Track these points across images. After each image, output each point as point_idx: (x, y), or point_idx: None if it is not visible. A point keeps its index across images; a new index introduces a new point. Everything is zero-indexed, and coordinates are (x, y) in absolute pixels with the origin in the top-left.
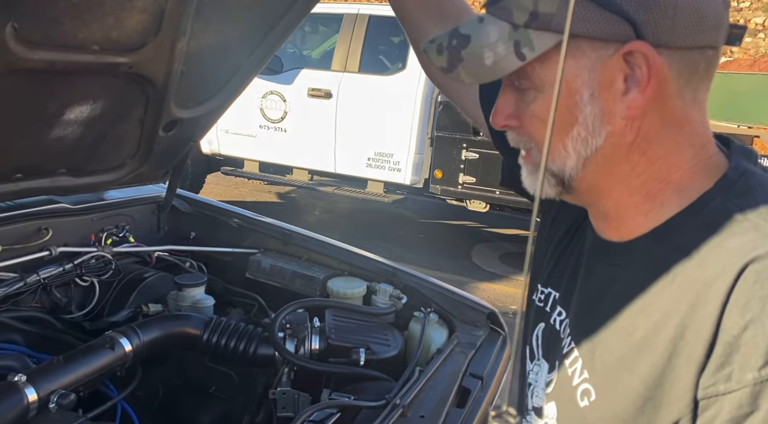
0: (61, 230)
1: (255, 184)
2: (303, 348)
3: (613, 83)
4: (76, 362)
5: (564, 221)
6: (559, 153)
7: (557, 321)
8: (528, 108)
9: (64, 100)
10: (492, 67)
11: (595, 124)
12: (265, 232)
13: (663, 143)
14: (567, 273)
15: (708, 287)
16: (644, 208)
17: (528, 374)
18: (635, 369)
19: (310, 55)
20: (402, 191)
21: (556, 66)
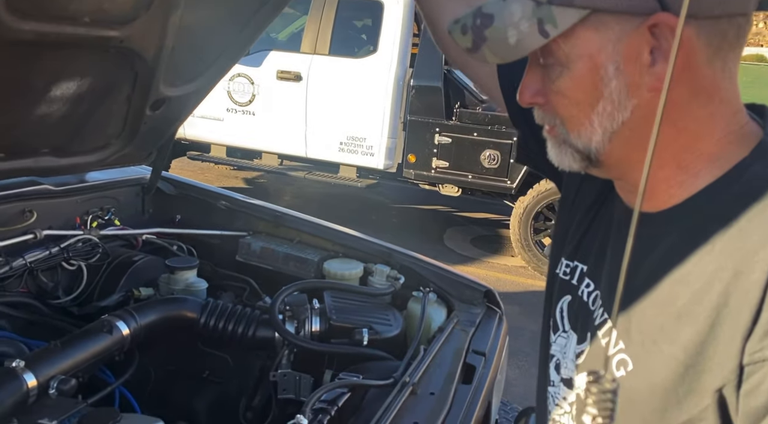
0: (45, 212)
1: (221, 170)
2: (303, 330)
3: (639, 56)
4: (73, 346)
5: (589, 194)
6: (585, 129)
7: (585, 293)
8: (553, 85)
9: (52, 75)
10: (516, 45)
11: (621, 98)
12: (255, 214)
13: (692, 114)
14: (595, 246)
15: (753, 255)
16: (677, 180)
17: (551, 346)
18: (676, 338)
19: (277, 37)
20: (375, 176)
21: (581, 42)
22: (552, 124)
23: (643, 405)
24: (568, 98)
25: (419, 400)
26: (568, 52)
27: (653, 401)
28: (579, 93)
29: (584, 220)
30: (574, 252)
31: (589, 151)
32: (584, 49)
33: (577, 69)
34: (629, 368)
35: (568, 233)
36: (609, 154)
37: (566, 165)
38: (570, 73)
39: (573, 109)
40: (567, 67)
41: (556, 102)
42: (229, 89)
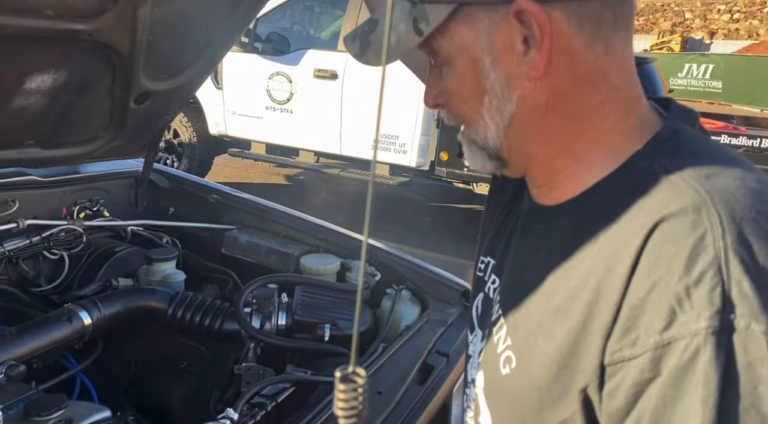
0: (30, 202)
1: (264, 167)
2: (269, 324)
3: (512, 45)
4: (30, 333)
5: (508, 189)
6: (479, 124)
7: (491, 289)
8: (443, 83)
9: (22, 68)
10: (396, 46)
11: (503, 90)
12: (243, 208)
13: (580, 101)
14: (504, 240)
15: (622, 249)
16: (571, 170)
17: (468, 346)
18: (552, 335)
19: (319, 36)
20: (407, 174)
21: (456, 37)
22: (456, 122)
23: (522, 405)
24: (456, 95)
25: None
26: (447, 49)
27: (531, 400)
28: (464, 89)
29: (501, 215)
30: (487, 247)
31: (489, 148)
32: (460, 44)
33: (458, 65)
34: (513, 366)
35: (488, 229)
36: (508, 149)
37: (479, 166)
38: (453, 70)
39: (463, 106)
40: (449, 65)
41: (449, 100)
42: (268, 88)
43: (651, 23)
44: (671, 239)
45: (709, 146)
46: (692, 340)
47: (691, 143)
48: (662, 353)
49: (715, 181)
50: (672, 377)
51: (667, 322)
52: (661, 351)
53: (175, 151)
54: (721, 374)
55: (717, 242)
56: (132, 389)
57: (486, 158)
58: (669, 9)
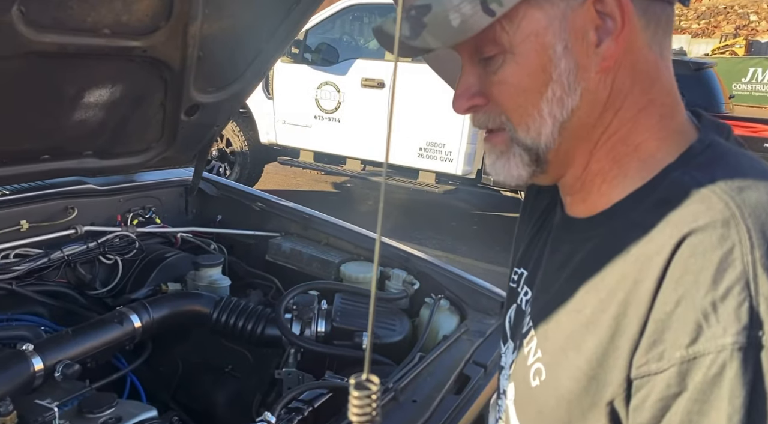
0: (88, 209)
1: (312, 174)
2: (309, 330)
3: (585, 34)
4: (84, 334)
5: (542, 200)
6: (533, 121)
7: (523, 301)
8: (496, 76)
9: (82, 83)
10: (460, 27)
11: (570, 81)
12: (287, 216)
13: (635, 100)
14: (536, 252)
15: (650, 262)
16: (610, 175)
17: (501, 358)
18: (581, 347)
19: (367, 46)
20: (454, 182)
21: (526, 21)
22: (497, 123)
23: (551, 417)
24: (514, 86)
25: (399, 406)
26: (513, 34)
27: (560, 412)
28: (526, 78)
29: (534, 226)
30: (521, 258)
31: (538, 148)
32: (530, 28)
33: (523, 52)
34: (542, 378)
35: (521, 240)
36: (557, 150)
37: (513, 175)
38: (515, 57)
39: (520, 98)
40: (511, 52)
41: (500, 95)
42: (317, 97)
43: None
44: (698, 253)
45: (743, 159)
46: (718, 355)
47: (725, 156)
48: (688, 367)
49: (747, 195)
50: (698, 392)
51: (693, 336)
52: (687, 366)
53: (227, 159)
54: (748, 390)
55: (745, 257)
56: (179, 390)
57: (526, 163)
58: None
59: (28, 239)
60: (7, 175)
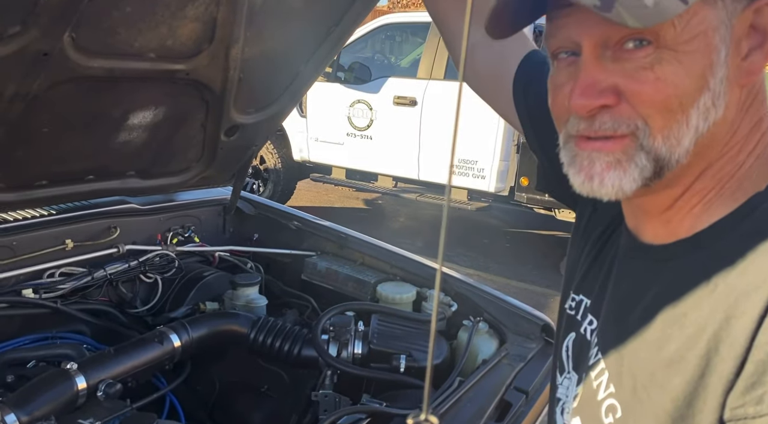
0: (130, 228)
1: (343, 191)
2: (346, 352)
3: (739, 43)
4: (126, 354)
5: (599, 222)
6: (678, 128)
7: (588, 330)
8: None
9: (127, 105)
10: (654, 9)
11: (720, 92)
12: (322, 235)
13: (751, 118)
14: (600, 278)
15: (746, 297)
16: (708, 196)
17: (557, 389)
18: (666, 386)
19: (399, 64)
20: (486, 199)
21: (697, 20)
22: (630, 128)
23: None
24: (672, 87)
25: None
26: (681, 30)
27: None
28: (687, 81)
29: (592, 251)
30: (580, 285)
31: (670, 159)
32: (701, 27)
33: (689, 51)
34: (617, 415)
35: (578, 264)
36: (683, 165)
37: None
38: (677, 55)
39: (673, 101)
40: (673, 49)
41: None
42: (349, 115)
43: None
44: None
45: None
46: None
47: None
48: None
49: None
50: None
51: None
52: None
53: (261, 176)
54: None
55: None
56: (216, 409)
57: (646, 175)
58: None
59: (73, 257)
60: (53, 195)
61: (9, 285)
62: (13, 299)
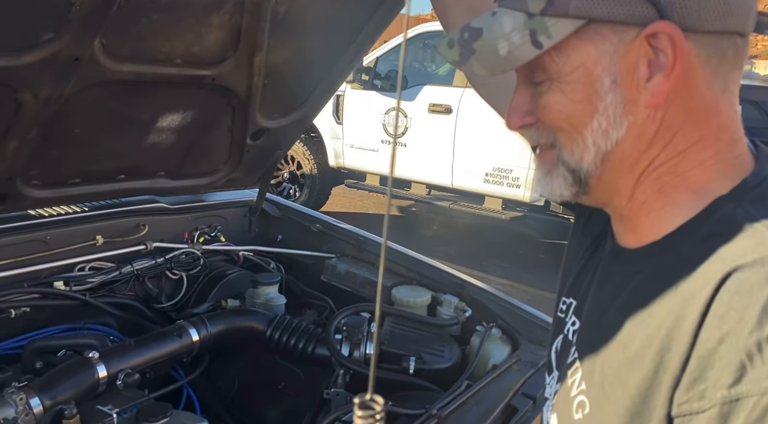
0: (158, 226)
1: (378, 197)
2: (357, 352)
3: (636, 69)
4: (145, 345)
5: (594, 227)
6: (577, 146)
7: (570, 331)
8: (542, 99)
9: (156, 108)
10: (507, 57)
11: (617, 114)
12: (343, 237)
13: (686, 136)
14: (586, 282)
15: (694, 297)
16: (656, 206)
17: (545, 388)
18: (627, 383)
19: (437, 72)
20: (521, 208)
21: (575, 54)
22: (549, 141)
23: None
24: (557, 112)
25: None
26: (561, 64)
27: None
28: (569, 107)
29: (585, 255)
30: (570, 288)
31: (581, 172)
32: (578, 61)
33: (570, 81)
34: (586, 412)
35: (572, 269)
36: (599, 177)
37: (556, 193)
38: (561, 86)
39: (564, 124)
40: (558, 81)
41: (546, 118)
42: (384, 122)
43: None
44: (744, 290)
45: None
46: (762, 398)
47: None
48: (730, 409)
49: None
50: None
51: (736, 377)
52: (728, 407)
53: (297, 181)
54: None
55: None
56: (234, 404)
57: (570, 184)
58: None
59: (103, 253)
60: (85, 193)
61: (42, 277)
62: (45, 290)
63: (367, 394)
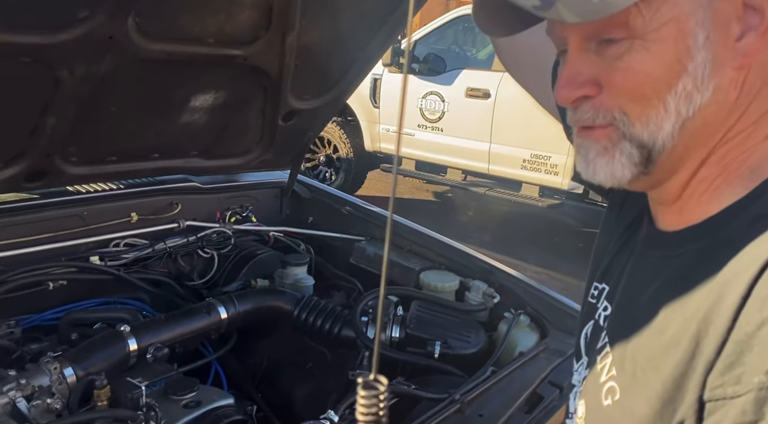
0: (191, 206)
1: (413, 183)
2: (384, 335)
3: (728, 25)
4: (175, 321)
5: (629, 212)
6: (655, 114)
7: (602, 316)
8: (621, 62)
9: (189, 88)
10: (601, 3)
11: (705, 76)
12: (373, 220)
13: (759, 106)
14: (620, 267)
15: (735, 279)
16: (715, 183)
17: (573, 375)
18: (661, 369)
19: (476, 56)
20: (559, 196)
21: (666, 8)
22: (607, 118)
23: None
24: (642, 75)
25: (465, 419)
26: (649, 18)
27: None
28: (657, 68)
29: (620, 240)
30: (602, 274)
31: (654, 145)
32: (670, 14)
33: (658, 38)
34: (616, 398)
35: (605, 253)
36: (671, 151)
37: (617, 175)
38: (647, 44)
39: (646, 89)
40: (643, 38)
41: (623, 82)
42: (421, 106)
43: None
44: None
45: None
46: None
47: None
48: (767, 395)
49: None
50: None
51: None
52: (766, 393)
53: (333, 165)
54: None
55: None
56: (263, 382)
57: (635, 162)
58: None
59: (137, 230)
60: (121, 171)
61: (79, 252)
62: (81, 265)
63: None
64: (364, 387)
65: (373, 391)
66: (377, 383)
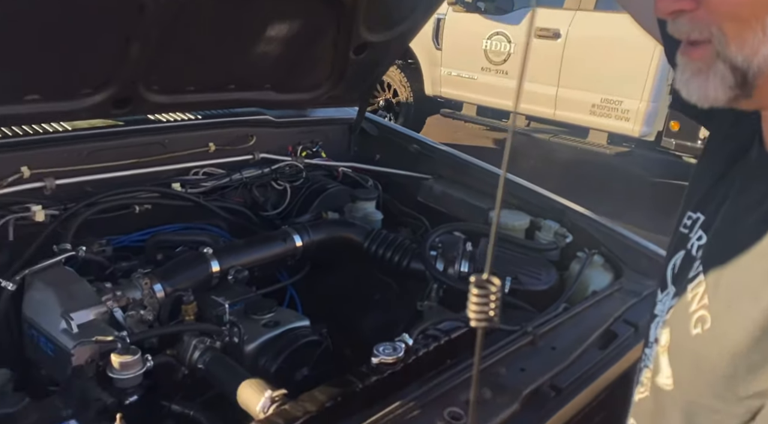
0: (264, 138)
1: (473, 129)
2: (452, 269)
3: None
4: (254, 247)
5: (735, 140)
6: (752, 37)
7: (695, 246)
8: None
9: (265, 16)
10: None
11: None
12: (440, 159)
13: None
14: (720, 195)
15: None
16: None
17: (656, 305)
18: (760, 297)
19: None
20: (628, 144)
21: None
22: (704, 34)
23: (711, 369)
24: None
25: (537, 351)
26: None
27: (722, 366)
28: None
29: (720, 169)
30: (699, 202)
31: (749, 69)
32: None
33: None
34: (706, 326)
35: (702, 182)
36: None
37: (711, 95)
38: None
39: (743, 9)
40: None
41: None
42: (486, 48)
43: None
44: None
45: None
46: None
47: None
48: None
49: None
50: None
51: None
52: None
53: (392, 109)
54: None
55: None
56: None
57: (729, 85)
58: None
59: (214, 160)
60: (200, 100)
61: (161, 179)
62: (164, 190)
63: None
64: (476, 285)
65: (484, 290)
66: (489, 283)
